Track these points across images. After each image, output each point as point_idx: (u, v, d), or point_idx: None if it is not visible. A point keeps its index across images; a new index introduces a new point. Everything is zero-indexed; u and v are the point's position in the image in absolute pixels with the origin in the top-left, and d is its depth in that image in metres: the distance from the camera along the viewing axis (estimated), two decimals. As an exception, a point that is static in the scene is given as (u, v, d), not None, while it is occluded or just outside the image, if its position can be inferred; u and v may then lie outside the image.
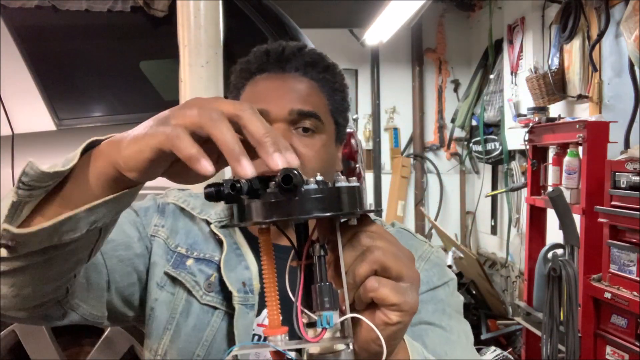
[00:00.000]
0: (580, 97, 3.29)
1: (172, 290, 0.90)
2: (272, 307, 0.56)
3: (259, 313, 0.89)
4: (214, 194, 0.53)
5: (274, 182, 0.52)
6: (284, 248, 0.90)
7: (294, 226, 0.59)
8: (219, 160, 0.55)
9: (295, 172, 0.51)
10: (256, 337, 0.88)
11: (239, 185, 0.52)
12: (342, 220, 0.57)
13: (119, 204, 0.60)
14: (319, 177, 0.54)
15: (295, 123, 0.88)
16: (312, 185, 0.52)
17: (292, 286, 0.58)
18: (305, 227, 0.59)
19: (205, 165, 0.51)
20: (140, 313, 0.93)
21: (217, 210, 0.96)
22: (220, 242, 0.92)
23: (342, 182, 0.54)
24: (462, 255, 3.88)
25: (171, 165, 0.57)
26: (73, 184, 0.60)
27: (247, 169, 0.51)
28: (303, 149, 0.87)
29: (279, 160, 0.51)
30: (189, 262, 0.91)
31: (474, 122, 4.88)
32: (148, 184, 0.63)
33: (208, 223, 0.94)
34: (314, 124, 0.89)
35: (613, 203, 2.28)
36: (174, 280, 0.90)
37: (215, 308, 0.89)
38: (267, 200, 0.52)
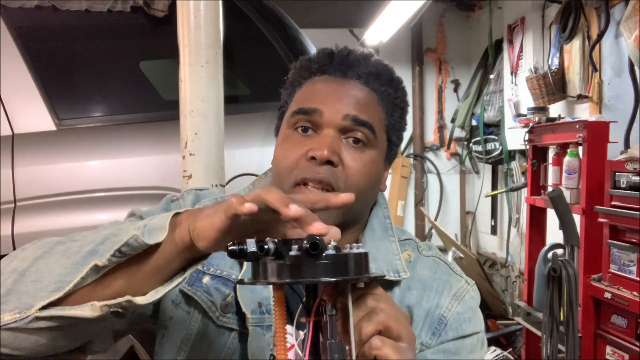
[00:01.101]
0: (580, 97, 3.28)
1: (187, 308, 0.86)
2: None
3: None
4: (237, 252, 0.59)
5: (296, 246, 0.58)
6: None
7: (304, 285, 0.64)
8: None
9: (319, 238, 0.57)
10: (272, 358, 0.85)
11: (266, 247, 0.58)
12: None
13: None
14: (334, 243, 0.59)
15: (347, 131, 0.84)
16: (331, 251, 0.58)
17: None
18: (315, 286, 0.64)
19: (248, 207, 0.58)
20: (153, 319, 0.90)
21: None
22: None
23: (353, 249, 0.61)
24: (462, 255, 3.88)
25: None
26: (149, 251, 0.66)
27: (293, 209, 0.57)
28: (350, 161, 0.83)
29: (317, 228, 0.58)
30: (205, 279, 0.87)
31: (474, 122, 4.88)
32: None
33: None
34: (366, 135, 0.85)
35: (613, 203, 2.27)
36: (189, 298, 0.86)
37: (231, 329, 0.85)
38: (291, 263, 0.58)
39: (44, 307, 0.66)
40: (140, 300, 0.64)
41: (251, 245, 0.58)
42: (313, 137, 0.84)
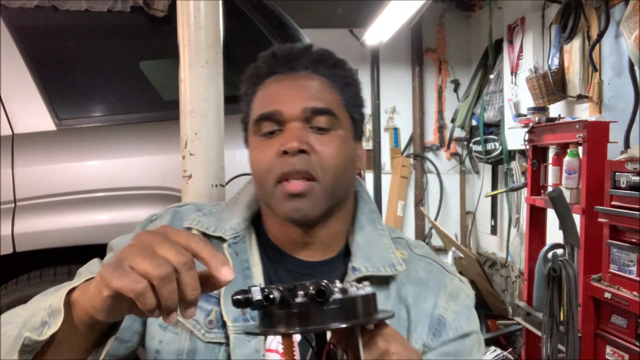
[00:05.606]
0: (580, 97, 3.29)
1: (175, 330, 0.87)
2: None
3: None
4: (242, 301, 0.58)
5: (301, 292, 0.57)
6: (306, 263, 0.90)
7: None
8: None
9: (325, 284, 0.56)
10: None
11: (272, 296, 0.57)
12: None
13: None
14: (339, 285, 0.58)
15: (308, 121, 0.86)
16: (337, 295, 0.57)
17: None
18: (324, 332, 0.63)
19: (157, 315, 0.59)
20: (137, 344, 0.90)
21: (233, 224, 0.91)
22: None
23: (360, 290, 0.59)
24: (462, 255, 3.88)
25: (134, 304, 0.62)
26: (63, 332, 0.67)
27: (172, 319, 0.59)
28: (320, 147, 0.85)
29: (226, 274, 0.59)
30: None
31: (474, 122, 4.88)
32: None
33: (222, 240, 0.90)
34: (328, 121, 0.87)
35: (613, 203, 2.27)
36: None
37: (220, 344, 0.85)
38: (299, 310, 0.57)
39: None
40: None
41: (256, 293, 0.58)
42: (280, 135, 0.86)
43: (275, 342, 0.86)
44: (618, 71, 3.07)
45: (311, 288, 0.56)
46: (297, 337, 0.82)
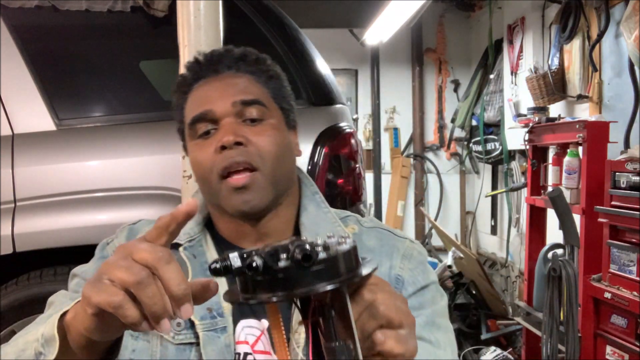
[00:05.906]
0: (580, 97, 3.29)
1: (146, 337, 0.88)
2: None
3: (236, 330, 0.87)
4: (221, 270, 0.55)
5: (284, 255, 0.54)
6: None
7: None
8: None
9: (308, 247, 0.54)
10: (237, 356, 0.86)
11: (255, 264, 0.54)
12: None
13: None
14: (320, 242, 0.56)
15: (241, 115, 0.89)
16: (321, 255, 0.55)
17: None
18: None
19: (146, 327, 0.57)
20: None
21: (186, 229, 0.91)
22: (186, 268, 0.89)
23: (342, 245, 0.57)
24: (462, 255, 3.88)
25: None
26: (62, 354, 0.67)
27: (164, 328, 0.56)
28: (255, 137, 0.88)
29: (189, 203, 0.60)
30: None
31: (474, 122, 4.89)
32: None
33: (177, 246, 0.90)
34: (259, 111, 0.90)
35: (613, 203, 2.28)
36: None
37: (191, 344, 0.87)
38: (283, 276, 0.54)
39: None
40: None
41: (235, 260, 0.54)
42: (216, 133, 0.89)
43: (244, 333, 0.87)
44: (618, 71, 3.07)
45: (296, 252, 0.54)
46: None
